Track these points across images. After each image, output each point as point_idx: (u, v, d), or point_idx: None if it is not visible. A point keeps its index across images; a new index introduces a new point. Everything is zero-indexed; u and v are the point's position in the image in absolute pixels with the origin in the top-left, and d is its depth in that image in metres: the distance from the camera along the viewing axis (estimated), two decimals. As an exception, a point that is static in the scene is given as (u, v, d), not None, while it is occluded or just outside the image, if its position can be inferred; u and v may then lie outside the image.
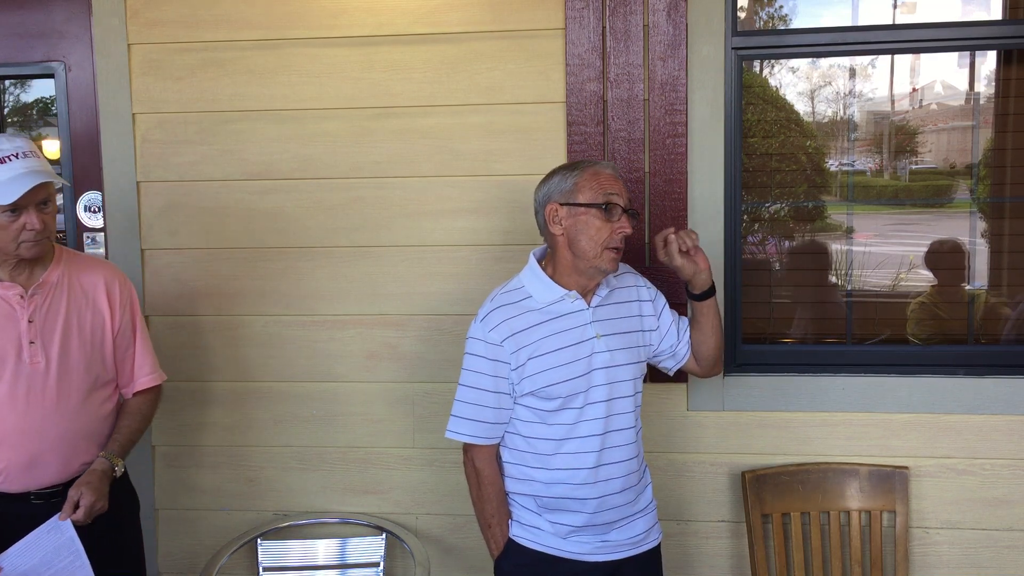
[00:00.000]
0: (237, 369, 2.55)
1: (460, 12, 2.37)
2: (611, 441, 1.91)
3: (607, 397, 1.90)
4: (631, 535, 1.97)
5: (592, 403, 1.89)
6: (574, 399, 1.88)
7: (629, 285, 2.02)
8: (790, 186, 2.75)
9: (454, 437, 1.95)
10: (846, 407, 2.37)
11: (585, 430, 1.89)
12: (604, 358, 1.90)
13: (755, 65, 2.78)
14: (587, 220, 1.85)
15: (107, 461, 1.95)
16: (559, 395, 1.87)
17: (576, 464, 1.89)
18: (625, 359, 1.93)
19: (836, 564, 2.34)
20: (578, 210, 1.86)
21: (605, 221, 1.85)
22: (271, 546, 2.49)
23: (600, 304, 1.94)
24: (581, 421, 1.89)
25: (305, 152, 2.47)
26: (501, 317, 1.89)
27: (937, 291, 2.78)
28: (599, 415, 1.89)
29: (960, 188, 2.80)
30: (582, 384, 1.88)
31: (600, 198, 1.85)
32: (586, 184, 1.86)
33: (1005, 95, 2.69)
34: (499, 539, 1.97)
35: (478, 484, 1.97)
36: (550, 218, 1.89)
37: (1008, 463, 2.35)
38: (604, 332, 1.92)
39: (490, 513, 1.96)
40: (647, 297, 2.03)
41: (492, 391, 1.91)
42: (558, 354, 1.87)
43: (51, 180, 1.85)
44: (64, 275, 1.97)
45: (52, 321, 1.93)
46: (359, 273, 2.49)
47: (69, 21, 2.59)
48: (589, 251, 1.86)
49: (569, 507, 1.92)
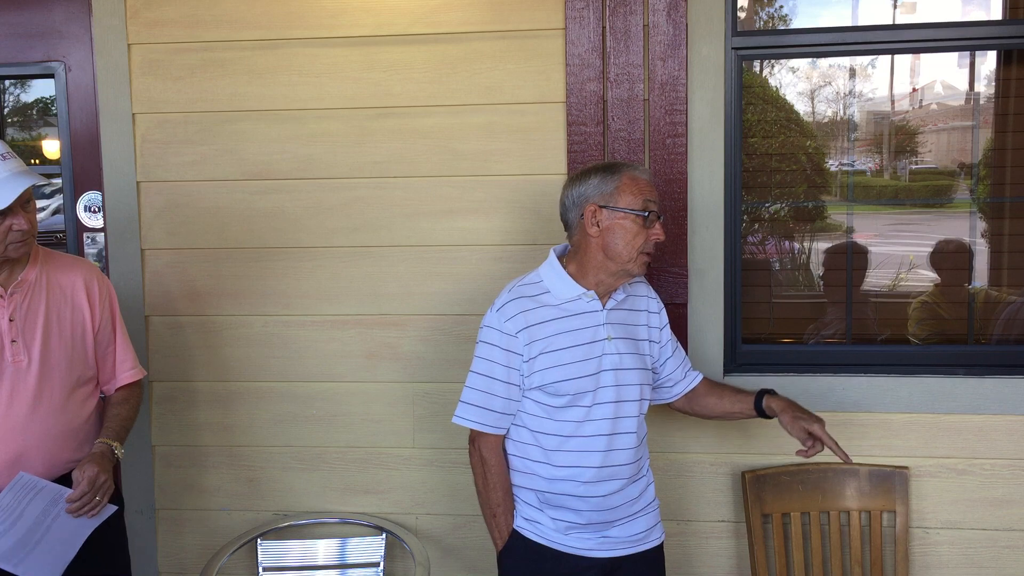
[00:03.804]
0: (237, 369, 2.55)
1: (460, 12, 2.37)
2: (616, 443, 1.92)
3: (615, 399, 1.92)
4: (632, 533, 1.97)
5: (600, 403, 1.90)
6: (582, 397, 1.89)
7: (642, 295, 2.06)
8: (790, 186, 2.74)
9: (461, 423, 1.95)
10: (846, 407, 2.37)
11: (591, 429, 1.90)
12: (614, 360, 1.92)
13: (755, 65, 2.77)
14: (625, 224, 1.88)
15: (106, 444, 1.97)
16: (567, 392, 1.88)
17: (580, 462, 1.90)
18: (633, 364, 1.96)
19: (836, 564, 2.34)
20: (617, 214, 1.88)
21: (642, 227, 1.88)
22: (271, 546, 2.49)
23: (615, 307, 1.97)
24: (588, 420, 1.90)
25: (305, 152, 2.47)
26: (518, 308, 1.91)
27: (940, 290, 2.78)
28: (606, 415, 1.91)
29: (960, 188, 2.80)
30: (590, 383, 1.89)
31: (640, 204, 1.88)
32: (627, 189, 1.89)
33: (1005, 95, 2.69)
34: (503, 530, 1.98)
35: (484, 473, 1.97)
36: (589, 219, 1.90)
37: (1008, 463, 2.35)
38: (616, 335, 1.94)
39: (495, 503, 1.97)
40: (655, 309, 2.07)
41: (503, 381, 1.92)
42: (570, 351, 1.89)
43: (37, 181, 1.86)
44: (42, 274, 1.98)
45: (33, 320, 1.93)
46: (359, 273, 2.49)
47: (69, 21, 2.59)
48: (624, 255, 1.88)
49: (570, 504, 1.92)
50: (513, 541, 1.98)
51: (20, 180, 1.83)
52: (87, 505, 1.89)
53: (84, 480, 1.88)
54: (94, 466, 1.90)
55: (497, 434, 1.96)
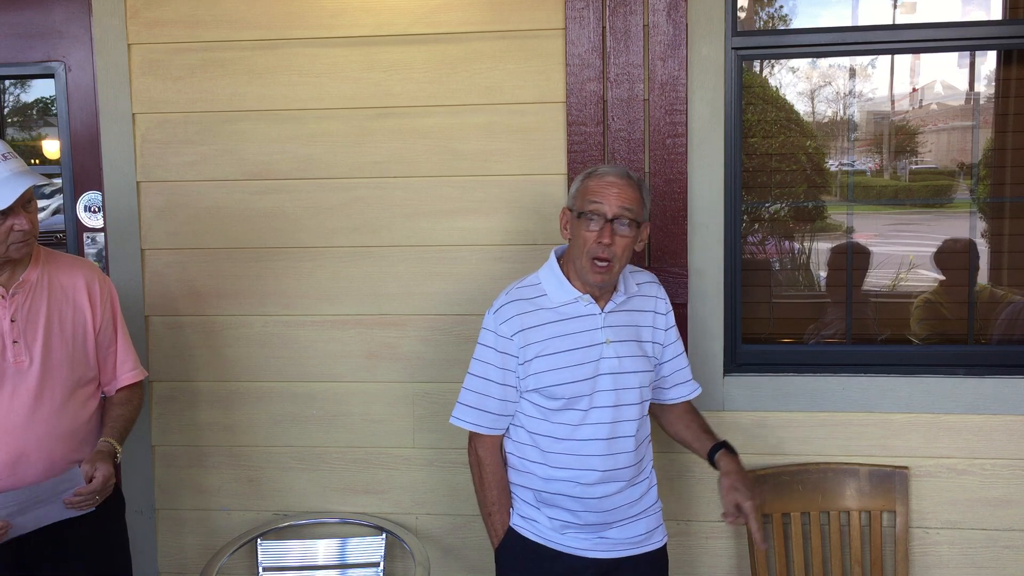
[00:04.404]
0: (237, 369, 2.55)
1: (460, 12, 2.37)
2: (614, 447, 1.91)
3: (613, 403, 1.90)
4: (631, 535, 1.97)
5: (597, 407, 1.89)
6: (578, 401, 1.88)
7: (650, 295, 2.01)
8: (790, 186, 2.75)
9: (458, 424, 1.96)
10: (846, 407, 2.37)
11: (587, 433, 1.89)
12: (612, 364, 1.90)
13: (755, 65, 2.77)
14: (577, 228, 1.88)
15: (109, 444, 1.97)
16: (563, 395, 1.88)
17: (576, 464, 1.90)
18: (634, 367, 1.93)
19: (836, 564, 2.34)
20: (572, 216, 1.90)
21: (588, 231, 1.84)
22: (271, 546, 2.49)
23: (615, 310, 1.94)
24: (584, 424, 1.89)
25: (305, 152, 2.47)
26: (514, 311, 1.91)
27: (944, 289, 2.77)
28: (603, 420, 1.89)
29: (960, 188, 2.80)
30: (587, 387, 1.88)
31: (583, 206, 1.86)
32: (583, 191, 1.89)
33: (1005, 95, 2.69)
34: (499, 528, 1.98)
35: (480, 473, 1.98)
36: (561, 221, 1.94)
37: (1008, 463, 2.35)
38: (615, 338, 1.92)
39: (491, 502, 1.98)
40: (662, 310, 2.03)
41: (499, 383, 1.92)
42: (566, 355, 1.88)
43: (38, 181, 1.86)
44: (44, 274, 1.98)
45: (34, 320, 1.93)
46: (359, 273, 2.49)
47: (69, 21, 2.59)
48: (577, 259, 1.88)
49: (565, 504, 1.92)
50: (510, 539, 1.98)
51: (21, 180, 1.82)
52: (87, 502, 1.90)
53: (100, 477, 1.88)
54: (109, 466, 1.92)
55: (493, 435, 1.97)
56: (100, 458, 1.92)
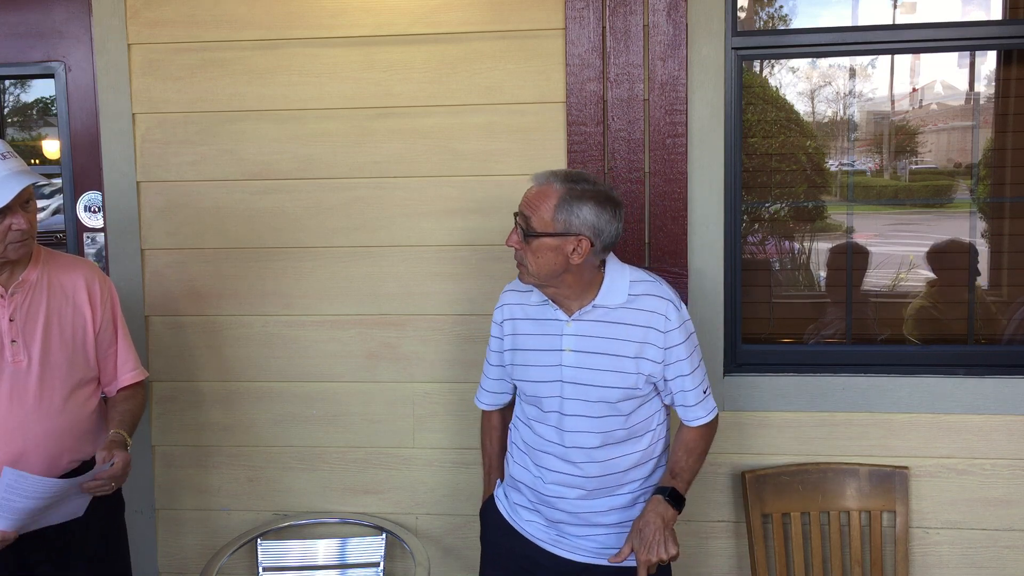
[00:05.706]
0: (237, 369, 2.55)
1: (460, 12, 2.37)
2: (573, 456, 1.88)
3: (572, 412, 1.87)
4: (601, 545, 1.92)
5: (555, 411, 1.90)
6: (540, 401, 1.93)
7: (647, 310, 1.85)
8: (790, 186, 2.74)
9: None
10: (846, 407, 2.37)
11: (544, 432, 1.93)
12: (571, 373, 1.87)
13: (755, 65, 2.77)
14: None
15: (121, 435, 1.96)
16: (529, 392, 1.95)
17: (533, 459, 1.96)
18: (598, 380, 1.84)
19: (836, 564, 2.34)
20: None
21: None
22: (271, 546, 2.49)
23: (582, 319, 1.86)
24: (543, 424, 1.93)
25: (305, 152, 2.47)
26: (507, 300, 2.02)
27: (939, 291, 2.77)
28: (561, 426, 1.89)
29: (960, 188, 2.80)
30: (547, 390, 1.91)
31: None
32: None
33: (1005, 95, 2.69)
34: (487, 490, 2.13)
35: (481, 437, 2.17)
36: None
37: (1008, 463, 2.35)
38: (578, 348, 1.86)
39: (485, 464, 2.16)
40: (662, 327, 1.84)
41: (494, 364, 2.07)
42: (534, 354, 1.94)
43: (36, 180, 1.86)
44: (43, 274, 1.97)
45: (33, 320, 1.93)
46: (359, 273, 2.49)
47: (69, 21, 2.59)
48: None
49: (517, 487, 2.01)
50: (489, 506, 2.08)
51: (19, 179, 1.82)
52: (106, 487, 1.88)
53: (120, 463, 1.87)
54: (126, 453, 1.91)
55: (489, 409, 2.13)
56: (115, 446, 1.91)
